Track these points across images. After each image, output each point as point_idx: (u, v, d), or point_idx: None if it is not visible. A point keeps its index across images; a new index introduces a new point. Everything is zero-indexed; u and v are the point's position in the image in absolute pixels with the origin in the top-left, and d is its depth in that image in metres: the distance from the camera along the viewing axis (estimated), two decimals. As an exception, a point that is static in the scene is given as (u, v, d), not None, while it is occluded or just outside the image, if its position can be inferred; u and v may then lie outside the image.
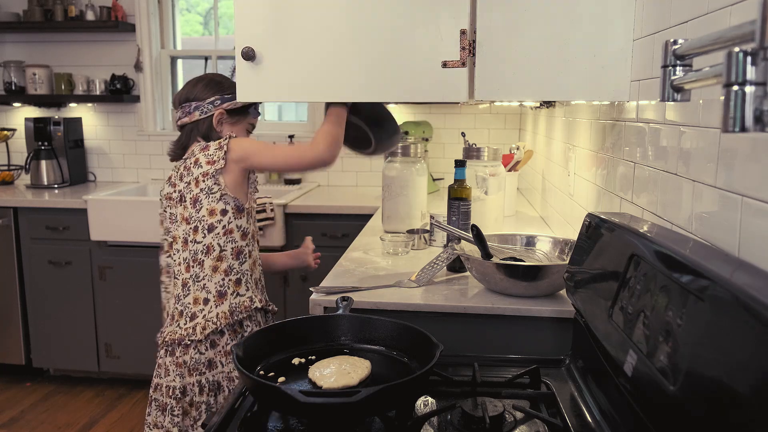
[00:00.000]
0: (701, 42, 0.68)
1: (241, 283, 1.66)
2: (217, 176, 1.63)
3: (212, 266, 1.63)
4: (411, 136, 3.19)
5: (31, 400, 3.18)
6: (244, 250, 1.67)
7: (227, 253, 1.64)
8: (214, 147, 1.64)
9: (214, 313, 1.62)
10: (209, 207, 1.64)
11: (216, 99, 1.71)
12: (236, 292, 1.65)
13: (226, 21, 4.00)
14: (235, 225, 1.65)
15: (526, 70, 1.46)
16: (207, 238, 1.63)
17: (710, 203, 0.98)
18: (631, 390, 0.87)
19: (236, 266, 1.65)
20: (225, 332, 1.63)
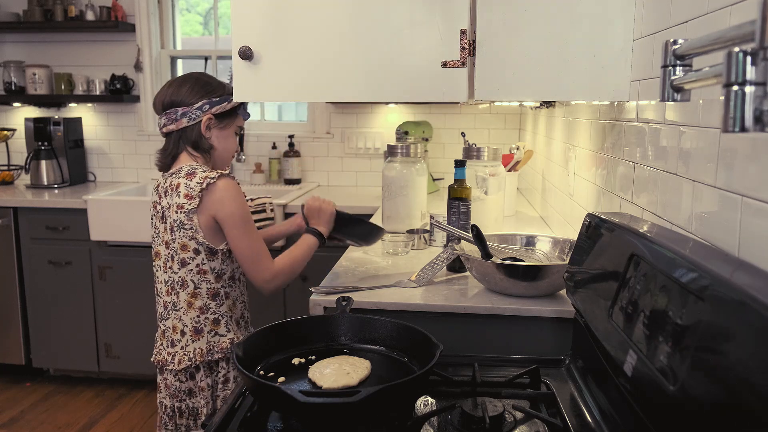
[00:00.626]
0: (701, 42, 0.68)
1: (220, 324, 1.60)
2: (190, 215, 1.55)
3: (187, 301, 1.59)
4: (411, 136, 3.19)
5: (31, 400, 3.18)
6: (219, 292, 1.61)
7: (202, 292, 1.59)
8: (197, 180, 1.54)
9: (191, 348, 1.59)
10: (181, 241, 1.58)
11: (204, 104, 1.62)
12: (215, 332, 1.60)
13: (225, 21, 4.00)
14: (209, 267, 1.59)
15: (526, 70, 1.46)
16: (181, 272, 1.59)
17: (710, 203, 0.98)
18: (630, 390, 0.87)
19: (213, 306, 1.60)
20: (201, 368, 1.60)
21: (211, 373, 1.61)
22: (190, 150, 1.64)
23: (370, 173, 3.67)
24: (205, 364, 1.59)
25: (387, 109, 3.60)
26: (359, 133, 3.64)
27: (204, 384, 1.60)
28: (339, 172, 3.69)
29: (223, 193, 1.55)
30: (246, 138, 3.67)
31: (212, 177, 1.55)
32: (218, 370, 1.61)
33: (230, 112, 1.67)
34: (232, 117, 1.69)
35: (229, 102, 1.65)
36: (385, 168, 2.30)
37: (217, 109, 1.64)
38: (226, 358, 1.61)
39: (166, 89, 1.65)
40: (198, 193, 1.54)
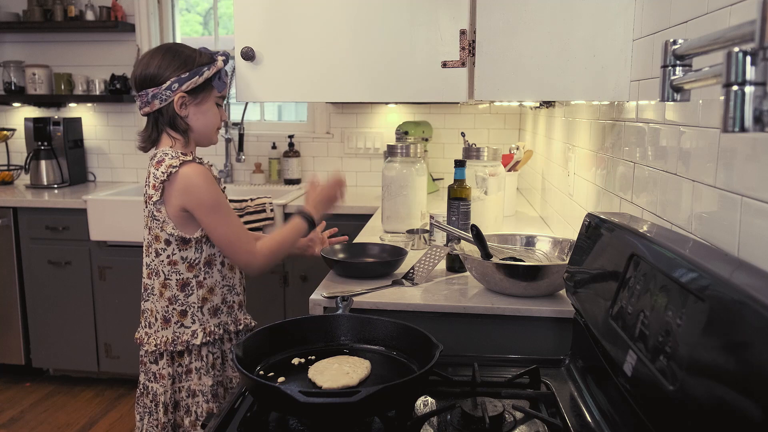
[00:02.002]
0: (701, 42, 0.68)
1: (187, 315, 1.58)
2: (158, 206, 1.52)
3: (159, 290, 1.59)
4: (411, 136, 3.19)
5: (30, 400, 3.18)
6: (190, 282, 1.57)
7: (171, 283, 1.57)
8: (162, 170, 1.49)
9: (160, 334, 1.60)
10: (154, 232, 1.56)
11: (173, 83, 1.52)
12: (180, 323, 1.59)
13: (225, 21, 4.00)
14: (180, 257, 1.56)
15: (526, 70, 1.46)
16: (154, 261, 1.57)
17: (710, 203, 0.98)
18: (630, 390, 0.87)
19: (181, 298, 1.57)
20: (164, 356, 1.60)
21: (172, 363, 1.60)
22: (170, 131, 1.57)
23: (370, 173, 3.67)
24: (168, 353, 1.60)
25: (387, 109, 3.60)
26: (359, 133, 3.64)
27: (165, 372, 1.60)
28: (339, 172, 3.69)
29: (186, 182, 1.50)
30: (246, 138, 3.67)
31: (174, 166, 1.49)
32: (180, 361, 1.61)
33: (204, 85, 1.56)
34: (208, 90, 1.58)
35: (200, 75, 1.54)
36: (385, 168, 2.30)
37: (188, 85, 1.53)
38: (188, 350, 1.60)
39: (137, 66, 1.58)
40: (161, 184, 1.49)
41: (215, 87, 1.59)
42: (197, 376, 1.60)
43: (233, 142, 3.68)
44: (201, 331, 1.59)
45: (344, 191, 1.80)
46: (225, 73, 1.60)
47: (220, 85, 1.59)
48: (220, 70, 1.58)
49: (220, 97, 1.62)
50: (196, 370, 1.60)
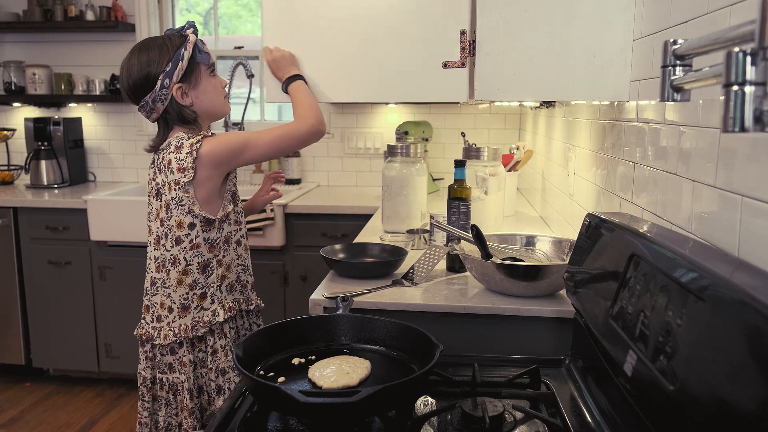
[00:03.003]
0: (701, 42, 0.68)
1: (206, 297, 1.61)
2: (187, 187, 1.53)
3: (177, 279, 1.59)
4: (411, 136, 3.19)
5: (30, 400, 3.18)
6: (211, 262, 1.61)
7: (193, 268, 1.59)
8: (186, 151, 1.52)
9: (177, 324, 1.60)
10: (177, 219, 1.56)
11: (163, 79, 1.53)
12: (200, 306, 1.61)
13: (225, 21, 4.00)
14: (203, 239, 1.58)
15: (526, 70, 1.46)
16: (174, 249, 1.58)
17: (710, 203, 0.98)
18: (630, 390, 0.87)
19: (201, 280, 1.60)
20: (184, 344, 1.61)
21: (193, 349, 1.61)
22: (181, 127, 1.60)
23: (370, 173, 3.67)
24: (188, 340, 1.60)
25: (387, 109, 3.60)
26: (359, 133, 3.64)
27: (186, 360, 1.61)
28: (339, 172, 3.69)
29: (216, 146, 1.53)
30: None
31: (197, 142, 1.52)
32: (200, 346, 1.62)
33: (191, 65, 1.56)
34: (197, 68, 1.58)
35: (182, 59, 1.54)
36: (385, 168, 2.30)
37: (177, 74, 1.54)
38: (210, 331, 1.62)
39: (121, 81, 1.59)
40: (191, 165, 1.51)
41: (200, 62, 1.58)
42: (224, 353, 1.62)
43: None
44: (221, 309, 1.62)
45: None
46: (202, 43, 1.59)
47: (204, 57, 1.58)
48: (195, 43, 1.57)
49: (209, 68, 1.61)
50: (222, 348, 1.62)
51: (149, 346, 1.65)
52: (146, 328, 1.65)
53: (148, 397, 1.66)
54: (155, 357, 1.64)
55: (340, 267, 1.69)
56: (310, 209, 3.01)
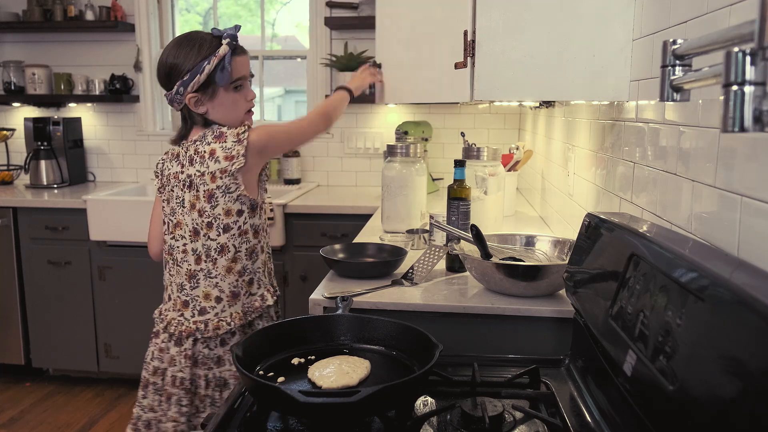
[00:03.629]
0: (701, 42, 0.68)
1: (253, 282, 1.64)
2: (236, 175, 1.54)
3: (226, 267, 1.58)
4: (410, 136, 3.19)
5: (30, 400, 3.18)
6: (256, 247, 1.63)
7: (242, 254, 1.60)
8: (232, 140, 1.53)
9: (228, 313, 1.59)
10: (225, 207, 1.56)
11: (179, 86, 1.53)
12: (248, 292, 1.63)
13: (225, 21, 4.00)
14: (250, 225, 1.60)
15: (526, 70, 1.46)
16: (222, 238, 1.57)
17: (710, 203, 0.98)
18: (630, 390, 0.87)
19: (249, 266, 1.62)
20: (236, 332, 1.61)
21: (245, 336, 1.56)
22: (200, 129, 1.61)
23: (369, 173, 3.67)
24: (240, 328, 1.60)
25: (386, 109, 3.60)
26: (359, 133, 3.64)
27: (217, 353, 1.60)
28: (339, 172, 3.69)
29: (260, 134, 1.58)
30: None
31: (243, 133, 1.55)
32: (252, 330, 1.62)
33: (210, 79, 1.53)
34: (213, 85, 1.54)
35: (201, 73, 1.51)
36: (385, 168, 2.30)
37: (192, 86, 1.52)
38: (260, 316, 1.66)
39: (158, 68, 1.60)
40: (242, 152, 1.53)
41: (217, 81, 1.53)
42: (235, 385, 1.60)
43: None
44: (267, 293, 1.67)
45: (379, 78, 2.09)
46: (228, 61, 1.52)
47: (223, 77, 1.53)
48: (222, 59, 1.52)
49: (238, 79, 1.57)
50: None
51: (190, 342, 1.59)
52: (187, 324, 1.59)
53: (186, 401, 1.60)
54: (198, 354, 1.59)
55: (340, 267, 1.69)
56: (310, 209, 3.01)
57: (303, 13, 3.73)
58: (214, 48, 1.52)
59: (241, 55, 1.58)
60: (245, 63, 1.60)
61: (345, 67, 3.43)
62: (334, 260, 1.69)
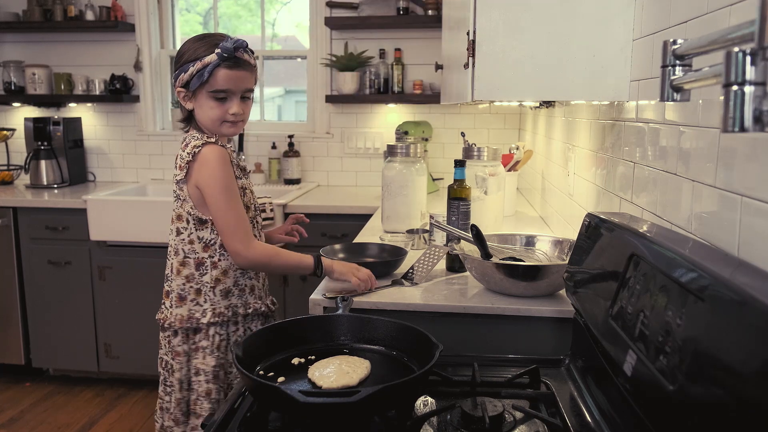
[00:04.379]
0: (701, 42, 0.68)
1: (201, 294, 1.62)
2: (181, 185, 1.58)
3: (177, 268, 1.63)
4: (410, 136, 3.19)
5: (30, 400, 3.18)
6: (205, 261, 1.61)
7: (190, 261, 1.61)
8: (188, 151, 1.56)
9: (175, 312, 1.63)
10: (177, 211, 1.62)
11: (172, 78, 1.61)
12: (196, 301, 1.62)
13: (225, 21, 4.00)
14: (196, 236, 1.60)
15: (526, 70, 1.46)
16: (176, 240, 1.62)
17: (710, 203, 0.98)
18: (630, 390, 0.87)
19: (196, 276, 1.61)
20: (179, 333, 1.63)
21: (186, 341, 1.63)
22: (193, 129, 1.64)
23: (369, 173, 3.67)
24: (183, 331, 1.62)
25: (386, 109, 3.60)
26: (359, 133, 3.64)
27: (180, 349, 1.63)
28: (339, 172, 3.69)
29: (202, 160, 1.54)
30: (246, 138, 3.67)
31: (198, 146, 1.54)
32: (193, 338, 1.63)
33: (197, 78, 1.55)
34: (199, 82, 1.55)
35: (185, 72, 1.55)
36: (385, 168, 2.30)
37: (179, 81, 1.58)
38: (198, 328, 1.62)
39: None
40: (186, 164, 1.56)
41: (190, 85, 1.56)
42: (202, 355, 1.63)
43: (233, 141, 3.68)
44: (210, 311, 1.62)
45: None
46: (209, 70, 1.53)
47: (194, 82, 1.54)
48: (205, 65, 1.53)
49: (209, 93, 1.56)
50: (203, 349, 1.63)
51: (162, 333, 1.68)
52: (165, 312, 1.67)
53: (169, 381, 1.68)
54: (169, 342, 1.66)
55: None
56: (310, 209, 3.01)
57: (303, 13, 3.73)
58: (200, 53, 1.55)
59: (235, 69, 1.55)
60: (237, 78, 1.57)
61: (345, 67, 3.44)
62: (334, 260, 1.69)
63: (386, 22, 3.36)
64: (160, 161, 3.80)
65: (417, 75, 3.53)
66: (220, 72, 1.54)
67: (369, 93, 3.50)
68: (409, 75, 3.54)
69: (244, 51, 1.57)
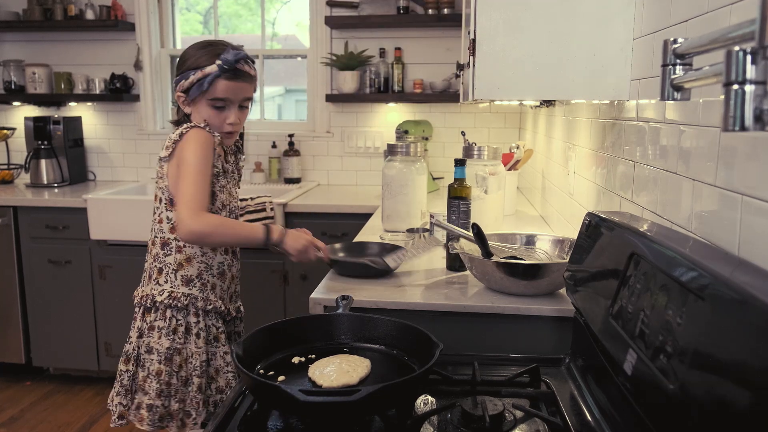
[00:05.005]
0: (701, 41, 0.68)
1: (162, 273, 1.64)
2: (163, 163, 1.62)
3: (149, 248, 1.68)
4: (411, 135, 3.19)
5: (30, 399, 3.18)
6: (170, 242, 1.64)
7: (157, 241, 1.65)
8: (177, 132, 1.60)
9: (141, 290, 1.70)
10: (154, 191, 1.67)
11: (173, 83, 1.64)
12: (156, 280, 1.65)
13: (225, 20, 4.00)
14: (166, 216, 1.63)
15: (526, 69, 1.46)
16: (151, 220, 1.68)
17: (710, 202, 0.98)
18: (630, 389, 0.87)
19: (161, 256, 1.65)
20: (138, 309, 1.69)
21: (143, 318, 1.66)
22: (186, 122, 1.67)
23: (370, 172, 3.67)
24: (140, 307, 1.67)
25: (387, 108, 3.60)
26: (359, 132, 3.63)
27: (136, 324, 1.68)
28: (339, 171, 3.69)
29: (187, 138, 1.57)
30: (246, 137, 3.65)
31: (186, 128, 1.59)
32: (147, 317, 1.65)
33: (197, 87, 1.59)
34: (199, 91, 1.59)
35: (186, 79, 1.60)
36: (385, 167, 2.30)
37: (180, 86, 1.62)
38: (155, 307, 1.63)
39: None
40: (172, 144, 1.59)
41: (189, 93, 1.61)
42: (158, 335, 1.63)
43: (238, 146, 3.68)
44: (167, 292, 1.63)
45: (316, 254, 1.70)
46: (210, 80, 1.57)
47: (193, 91, 1.59)
48: (206, 75, 1.57)
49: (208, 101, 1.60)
50: (158, 329, 1.64)
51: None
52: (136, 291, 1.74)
53: None
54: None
55: (340, 266, 1.69)
56: (310, 208, 3.01)
57: (303, 12, 3.73)
58: (202, 62, 1.59)
59: (234, 80, 1.59)
60: (237, 89, 1.61)
61: (345, 66, 3.43)
62: (334, 259, 1.70)
63: (386, 21, 3.36)
64: (161, 160, 3.80)
65: (417, 74, 3.53)
66: (220, 83, 1.58)
67: (369, 92, 3.50)
68: (409, 74, 3.54)
69: (245, 62, 1.61)
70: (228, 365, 1.68)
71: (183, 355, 1.63)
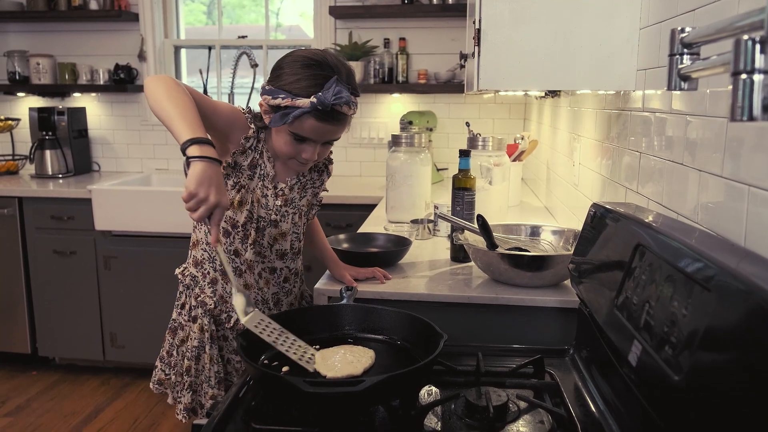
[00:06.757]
0: (709, 30, 0.67)
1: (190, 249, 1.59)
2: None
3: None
4: (415, 126, 3.18)
5: (36, 388, 3.21)
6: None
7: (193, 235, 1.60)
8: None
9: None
10: None
11: (263, 87, 1.40)
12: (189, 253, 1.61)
13: (229, 11, 3.99)
14: None
15: (531, 59, 1.45)
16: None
17: (716, 193, 0.98)
18: (635, 380, 0.87)
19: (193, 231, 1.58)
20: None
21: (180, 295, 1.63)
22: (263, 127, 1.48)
23: (374, 163, 3.66)
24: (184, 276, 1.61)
25: (391, 99, 3.59)
26: (363, 122, 3.63)
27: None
28: (343, 162, 3.69)
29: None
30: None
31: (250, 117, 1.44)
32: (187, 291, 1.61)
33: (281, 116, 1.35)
34: (282, 121, 1.35)
35: (274, 97, 1.34)
36: (389, 158, 2.30)
37: (265, 99, 1.36)
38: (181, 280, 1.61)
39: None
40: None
41: (271, 120, 1.38)
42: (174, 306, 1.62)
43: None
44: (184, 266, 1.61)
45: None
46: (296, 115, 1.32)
47: (275, 120, 1.36)
48: (294, 107, 1.32)
49: (299, 134, 1.37)
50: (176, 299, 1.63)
51: None
52: None
53: None
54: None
55: (345, 257, 1.69)
56: (314, 199, 3.01)
57: (307, 2, 3.71)
58: (304, 94, 1.33)
59: (324, 122, 1.34)
60: (324, 131, 1.37)
61: (350, 56, 3.42)
62: (339, 250, 1.70)
63: (391, 11, 3.34)
64: (165, 151, 3.80)
65: (421, 64, 3.51)
66: (308, 120, 1.34)
67: (373, 82, 3.49)
68: (413, 64, 3.53)
69: (344, 104, 1.34)
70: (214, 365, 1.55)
71: (186, 331, 1.58)
